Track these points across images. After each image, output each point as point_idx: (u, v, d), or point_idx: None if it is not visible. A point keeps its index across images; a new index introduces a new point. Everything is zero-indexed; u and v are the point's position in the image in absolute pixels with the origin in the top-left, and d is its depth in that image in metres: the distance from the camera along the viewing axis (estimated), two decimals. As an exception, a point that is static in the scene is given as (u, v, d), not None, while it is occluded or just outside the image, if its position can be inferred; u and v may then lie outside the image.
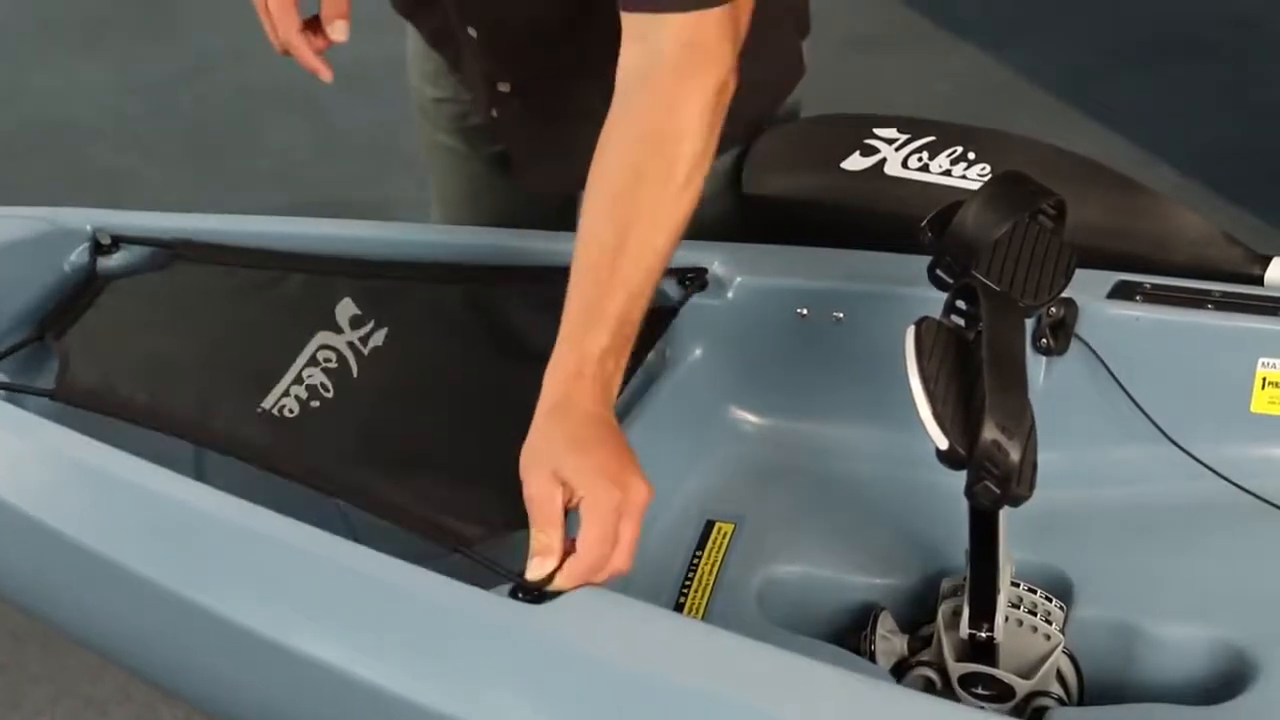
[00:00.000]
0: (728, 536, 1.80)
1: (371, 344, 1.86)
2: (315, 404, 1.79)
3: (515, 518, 1.63)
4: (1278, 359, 1.79)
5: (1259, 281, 1.92)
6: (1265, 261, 1.93)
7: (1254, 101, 4.25)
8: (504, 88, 2.04)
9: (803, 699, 1.43)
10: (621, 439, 1.60)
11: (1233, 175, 3.90)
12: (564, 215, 2.23)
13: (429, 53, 2.19)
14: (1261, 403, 1.81)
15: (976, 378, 1.44)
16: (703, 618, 1.71)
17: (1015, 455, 1.40)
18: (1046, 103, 4.28)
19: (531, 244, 1.98)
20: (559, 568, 1.53)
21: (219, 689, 1.79)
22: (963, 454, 1.42)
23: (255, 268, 1.97)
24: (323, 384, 1.81)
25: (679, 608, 1.73)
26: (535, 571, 1.53)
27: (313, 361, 1.83)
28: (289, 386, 1.80)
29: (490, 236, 2.03)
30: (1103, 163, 2.04)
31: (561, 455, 1.55)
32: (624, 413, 1.82)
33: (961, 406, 1.44)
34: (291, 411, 1.78)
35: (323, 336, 1.86)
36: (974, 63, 4.51)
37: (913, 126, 2.08)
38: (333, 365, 1.83)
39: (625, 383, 1.76)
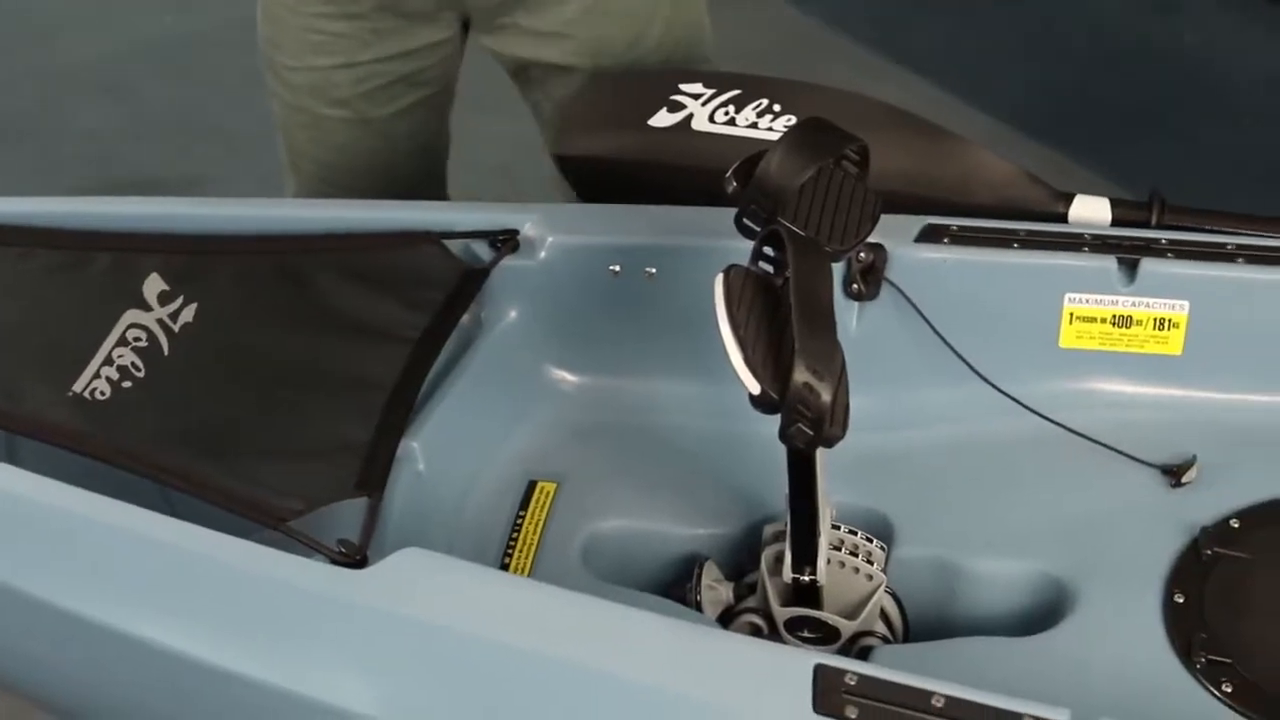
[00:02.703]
0: (550, 496, 1.80)
1: (181, 320, 1.83)
2: (127, 384, 1.76)
3: (333, 490, 1.62)
4: (1084, 294, 1.82)
5: (1063, 219, 1.95)
6: (1068, 199, 1.96)
7: (1061, 45, 4.31)
8: None
9: (629, 649, 1.44)
10: None
11: (1042, 117, 3.96)
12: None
13: (313, 22, 2.21)
14: (1069, 338, 1.84)
15: (786, 323, 1.45)
16: (528, 577, 1.71)
17: (827, 396, 1.41)
18: (854, 52, 4.31)
19: (340, 212, 1.97)
20: None
21: (44, 675, 1.77)
22: (775, 398, 1.42)
23: (60, 249, 1.93)
24: (134, 364, 1.78)
25: (504, 568, 1.73)
26: None
27: (122, 341, 1.80)
28: (99, 368, 1.77)
29: (297, 207, 2.02)
30: (908, 109, 2.06)
31: None
32: (440, 378, 1.82)
33: (772, 352, 1.45)
34: (103, 394, 1.75)
35: (131, 315, 1.83)
36: (779, 14, 4.52)
37: (718, 81, 2.08)
38: (143, 344, 1.80)
39: (439, 346, 1.76)
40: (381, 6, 2.19)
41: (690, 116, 2.05)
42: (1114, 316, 1.82)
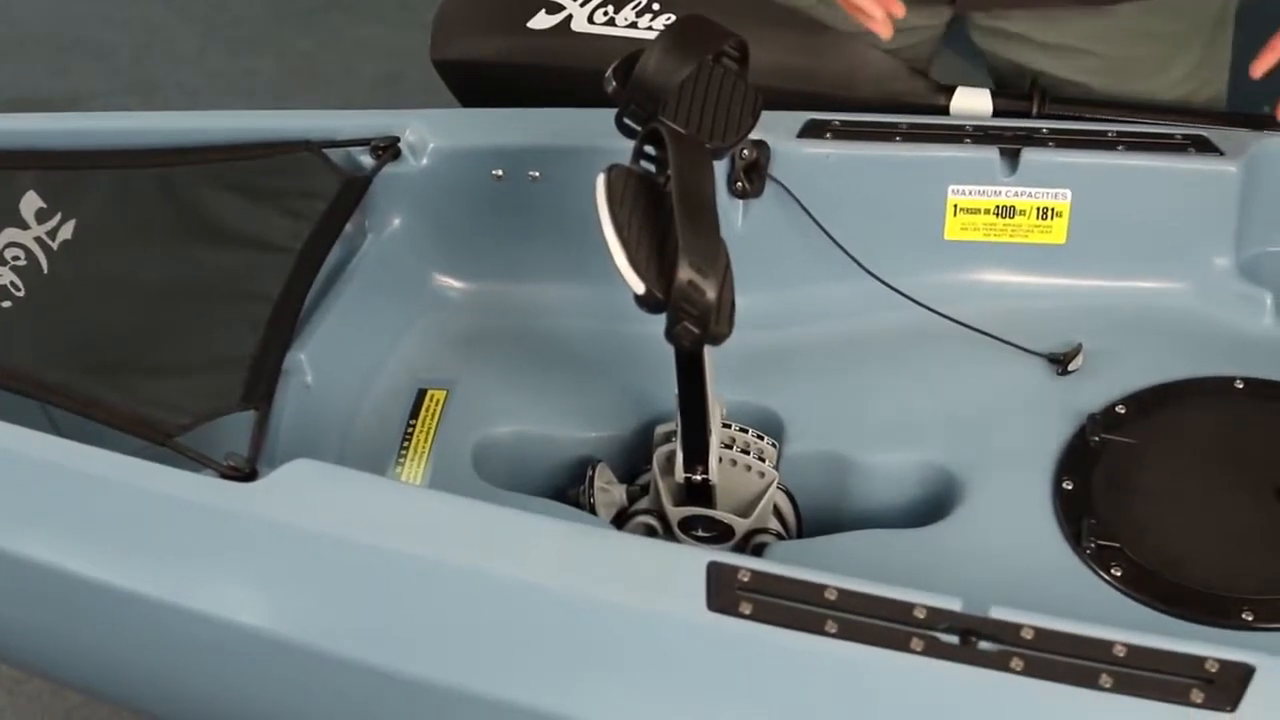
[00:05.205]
0: (440, 403, 1.80)
1: (60, 238, 1.81)
2: (7, 304, 1.74)
3: (219, 404, 1.61)
4: (967, 185, 1.83)
5: (944, 111, 1.96)
6: (949, 91, 1.97)
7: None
8: None
9: (523, 554, 1.43)
10: None
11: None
12: None
13: None
14: (954, 230, 1.85)
15: (669, 222, 1.44)
16: (420, 485, 1.70)
17: (711, 294, 1.40)
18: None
19: (218, 123, 1.94)
20: None
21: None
22: (660, 297, 1.41)
23: (-67, 169, 1.91)
24: (13, 283, 1.76)
25: (396, 477, 1.72)
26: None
27: (0, 261, 1.78)
28: None
29: (174, 119, 1.98)
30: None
31: None
32: (326, 288, 1.80)
33: (656, 251, 1.44)
34: (-17, 314, 1.73)
35: (9, 234, 1.80)
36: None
37: (597, -20, 2.07)
38: (22, 263, 1.78)
39: (323, 257, 1.75)
40: None
41: (569, 18, 2.04)
42: (997, 207, 1.83)
